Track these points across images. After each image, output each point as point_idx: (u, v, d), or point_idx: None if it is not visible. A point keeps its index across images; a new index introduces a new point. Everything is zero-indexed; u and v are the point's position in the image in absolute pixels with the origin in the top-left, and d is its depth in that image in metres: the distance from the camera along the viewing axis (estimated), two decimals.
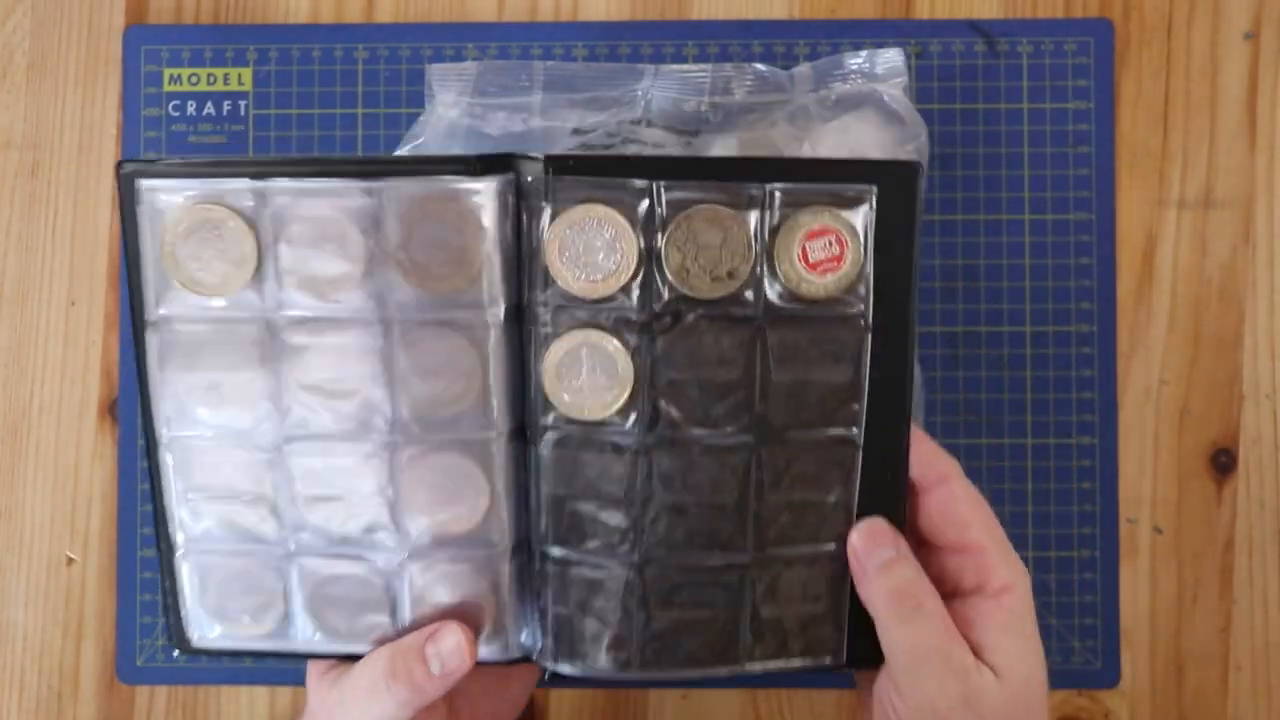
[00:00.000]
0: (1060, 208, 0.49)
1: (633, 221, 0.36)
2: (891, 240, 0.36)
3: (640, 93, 0.46)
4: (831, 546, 0.37)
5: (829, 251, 0.36)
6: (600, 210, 0.36)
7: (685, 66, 0.46)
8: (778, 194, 0.36)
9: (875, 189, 0.36)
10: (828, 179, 0.36)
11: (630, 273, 0.36)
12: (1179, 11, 0.49)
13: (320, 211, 0.36)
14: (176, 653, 0.40)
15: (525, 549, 0.38)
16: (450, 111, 0.46)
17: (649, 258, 0.36)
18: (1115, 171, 0.49)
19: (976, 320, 0.48)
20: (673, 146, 0.45)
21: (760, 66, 0.46)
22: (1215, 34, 0.49)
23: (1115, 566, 0.48)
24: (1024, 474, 0.48)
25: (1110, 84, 0.49)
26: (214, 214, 0.36)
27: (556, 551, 0.38)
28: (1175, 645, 0.48)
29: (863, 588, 0.37)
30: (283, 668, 0.48)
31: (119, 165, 0.36)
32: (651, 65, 0.47)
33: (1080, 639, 0.48)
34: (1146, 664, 0.48)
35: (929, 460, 0.37)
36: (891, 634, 0.36)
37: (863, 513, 0.37)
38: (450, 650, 0.37)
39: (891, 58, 0.45)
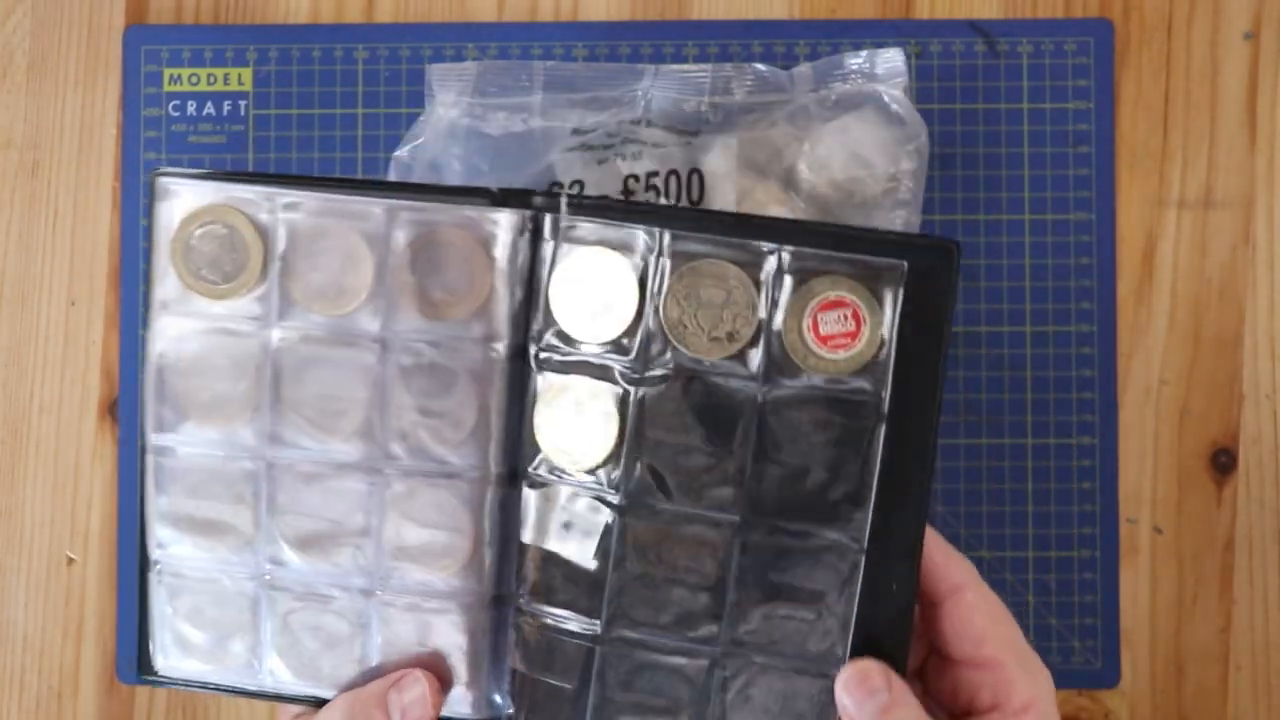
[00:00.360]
0: (1060, 208, 0.49)
1: (637, 270, 0.34)
2: (918, 324, 0.32)
3: (640, 93, 0.46)
4: (819, 664, 0.34)
5: (843, 326, 0.33)
6: (606, 255, 0.34)
7: (685, 66, 0.46)
8: (791, 256, 0.33)
9: (906, 265, 0.32)
10: (852, 249, 0.33)
11: (627, 323, 0.34)
12: (1179, 11, 0.49)
13: (333, 226, 0.36)
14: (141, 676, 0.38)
15: (505, 602, 0.37)
16: (450, 111, 0.46)
17: (647, 309, 0.34)
18: (1115, 171, 0.49)
19: (976, 320, 0.48)
20: (673, 146, 0.45)
21: (760, 66, 0.46)
22: (1215, 34, 0.49)
23: (1115, 566, 0.48)
24: (1024, 474, 0.48)
25: (1110, 84, 0.49)
26: (227, 216, 0.36)
27: (526, 605, 0.36)
28: (1175, 645, 0.48)
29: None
30: None
31: (152, 172, 0.37)
32: (651, 65, 0.47)
33: (1080, 639, 0.48)
34: (1146, 664, 0.48)
35: (942, 566, 0.34)
36: None
37: (862, 625, 0.33)
38: (414, 700, 0.35)
39: (891, 58, 0.45)
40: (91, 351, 0.49)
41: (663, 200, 0.45)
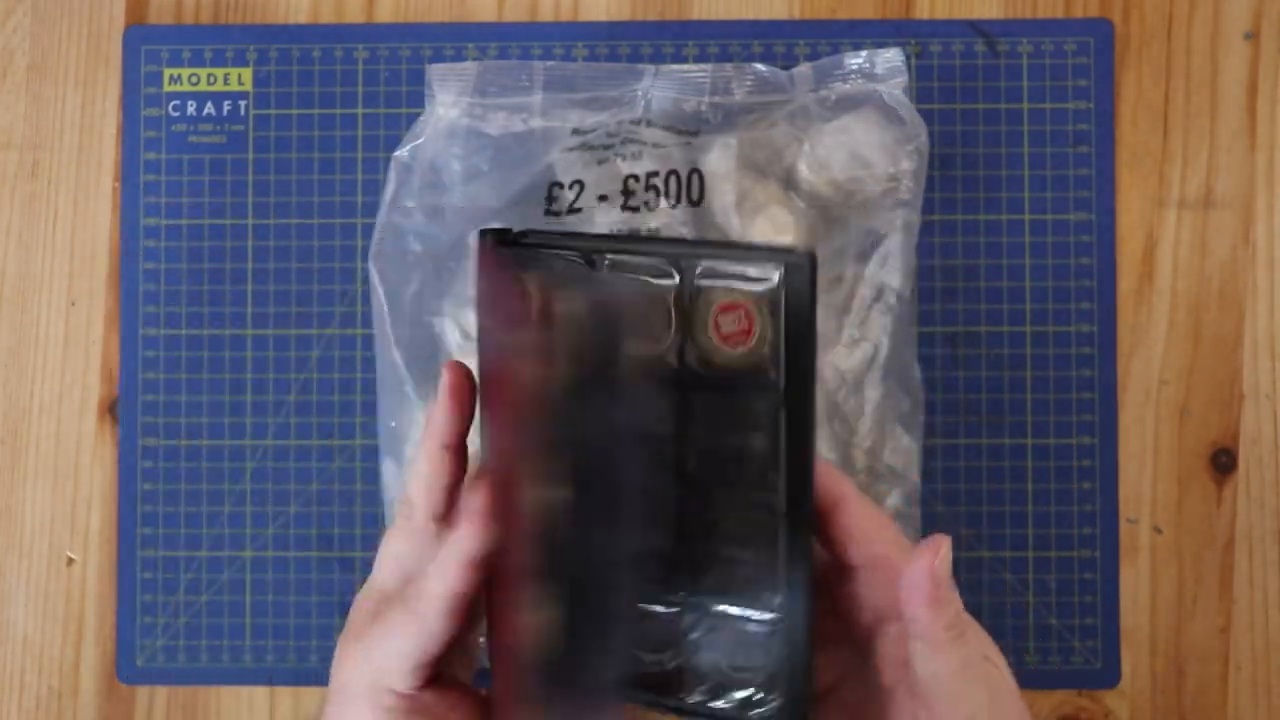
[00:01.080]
0: (1060, 208, 0.49)
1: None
2: (794, 318, 0.37)
3: (640, 93, 0.46)
4: (764, 603, 0.37)
5: (739, 325, 0.37)
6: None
7: (685, 66, 0.46)
8: (694, 268, 0.38)
9: (782, 270, 0.37)
10: (738, 259, 0.38)
11: None
12: (1179, 11, 0.49)
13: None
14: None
15: None
16: (450, 111, 0.46)
17: None
18: (1115, 171, 0.49)
19: (976, 320, 0.48)
20: (673, 146, 0.45)
21: (760, 66, 0.46)
22: (1215, 34, 0.49)
23: (1115, 566, 0.48)
24: (1024, 474, 0.48)
25: (1110, 84, 0.49)
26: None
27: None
28: (1175, 645, 0.48)
29: (913, 608, 0.34)
30: (283, 668, 0.49)
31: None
32: (651, 65, 0.47)
33: (1080, 639, 0.48)
34: (1146, 664, 0.48)
35: (824, 485, 0.37)
36: (943, 658, 0.34)
37: (788, 569, 0.38)
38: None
39: (891, 58, 0.45)
40: (91, 351, 0.50)
41: (663, 201, 0.45)
